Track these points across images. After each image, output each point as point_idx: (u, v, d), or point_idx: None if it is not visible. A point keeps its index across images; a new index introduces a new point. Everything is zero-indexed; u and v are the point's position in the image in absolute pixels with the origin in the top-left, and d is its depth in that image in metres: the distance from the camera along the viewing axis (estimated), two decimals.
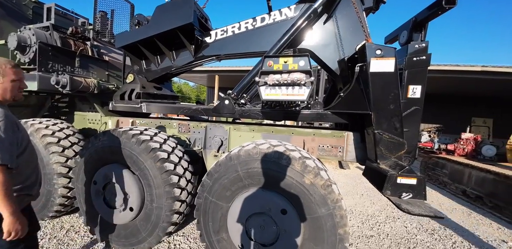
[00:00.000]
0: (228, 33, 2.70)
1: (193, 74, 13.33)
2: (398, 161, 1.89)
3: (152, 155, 1.90)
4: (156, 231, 1.94)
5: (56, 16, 2.87)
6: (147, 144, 1.93)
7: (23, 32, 2.63)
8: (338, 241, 1.48)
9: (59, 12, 2.98)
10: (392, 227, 3.05)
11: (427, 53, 1.98)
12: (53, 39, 2.72)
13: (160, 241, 2.02)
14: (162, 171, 1.87)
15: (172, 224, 1.95)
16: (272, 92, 1.83)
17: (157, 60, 3.06)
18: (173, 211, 1.90)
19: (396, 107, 1.88)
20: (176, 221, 1.98)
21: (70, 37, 2.93)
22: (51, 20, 2.81)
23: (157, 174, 1.89)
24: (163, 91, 3.27)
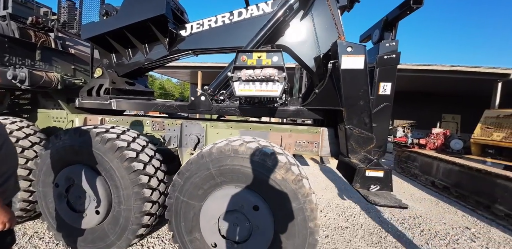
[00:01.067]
0: (204, 27, 2.61)
1: (175, 70, 12.89)
2: (367, 155, 1.95)
3: (118, 155, 1.79)
4: (126, 234, 1.84)
5: (14, 5, 2.59)
6: (113, 142, 1.82)
7: None
8: (309, 234, 1.50)
9: (17, 0, 2.69)
10: (366, 218, 3.20)
11: (396, 52, 2.04)
12: (10, 30, 2.46)
13: (131, 244, 1.93)
14: (130, 171, 1.77)
15: (143, 226, 1.86)
16: (246, 87, 1.79)
17: (128, 54, 2.89)
18: (144, 213, 1.81)
19: (366, 103, 1.94)
20: (148, 223, 1.89)
21: (30, 28, 2.66)
22: (8, 9, 2.54)
23: (124, 174, 1.78)
24: (136, 87, 3.11)
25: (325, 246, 2.47)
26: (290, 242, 1.53)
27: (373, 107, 2.07)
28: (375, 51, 2.15)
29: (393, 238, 2.69)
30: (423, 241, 2.67)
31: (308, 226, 1.50)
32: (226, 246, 1.63)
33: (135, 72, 3.02)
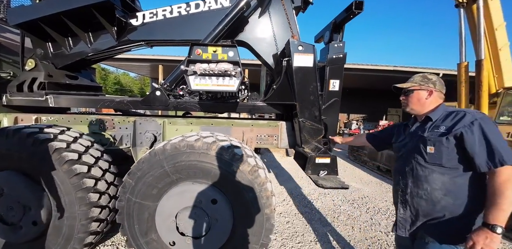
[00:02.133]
0: (159, 17, 2.44)
1: (132, 63, 11.76)
2: (317, 145, 2.14)
3: (56, 157, 1.58)
4: (71, 244, 1.66)
5: None
6: (49, 144, 1.59)
7: None
8: (265, 220, 1.58)
9: None
10: (323, 202, 3.54)
11: (343, 52, 2.24)
12: None
13: (83, 244, 1.74)
14: (71, 175, 1.59)
15: (91, 233, 1.70)
16: (202, 82, 1.75)
17: (68, 43, 2.54)
18: (91, 219, 1.66)
19: (315, 98, 2.11)
20: (97, 230, 1.74)
21: None
22: None
23: (64, 178, 1.59)
24: (79, 81, 2.76)
25: (286, 231, 2.64)
26: (248, 230, 1.59)
27: (324, 102, 2.26)
28: (326, 50, 2.33)
29: (344, 217, 3.05)
30: (368, 217, 3.08)
31: (264, 213, 1.57)
32: (185, 242, 1.61)
33: (78, 64, 2.68)
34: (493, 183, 0.99)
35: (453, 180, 1.08)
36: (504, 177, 0.97)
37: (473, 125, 1.04)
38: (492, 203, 0.98)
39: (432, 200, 1.12)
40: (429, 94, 1.22)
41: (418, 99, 1.24)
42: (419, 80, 1.25)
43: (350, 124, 9.73)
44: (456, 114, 1.12)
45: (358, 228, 2.78)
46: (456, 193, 1.08)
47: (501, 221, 0.95)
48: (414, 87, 1.25)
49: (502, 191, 0.96)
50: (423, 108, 1.24)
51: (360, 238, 2.57)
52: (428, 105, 1.22)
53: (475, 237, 0.96)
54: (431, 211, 1.13)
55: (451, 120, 1.12)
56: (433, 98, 1.22)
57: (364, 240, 2.53)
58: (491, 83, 4.03)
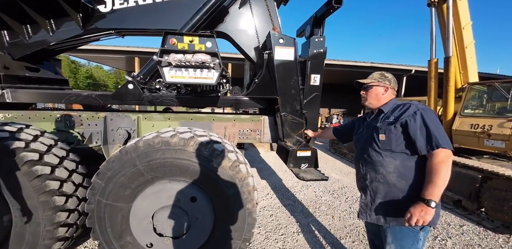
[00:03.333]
0: (130, 3, 2.25)
1: (106, 54, 10.96)
2: (299, 138, 2.15)
3: (13, 158, 1.40)
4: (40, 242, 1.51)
5: None
6: (5, 143, 1.41)
7: None
8: (247, 215, 1.56)
9: None
10: (305, 193, 3.63)
11: (324, 47, 2.24)
12: None
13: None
14: (32, 177, 1.42)
15: (59, 239, 1.56)
16: (178, 74, 1.65)
17: (27, 31, 2.26)
18: (57, 224, 1.51)
19: (296, 92, 2.10)
20: (66, 235, 1.59)
21: None
22: None
23: (24, 181, 1.42)
24: (41, 74, 2.49)
25: (270, 224, 2.67)
26: (230, 226, 1.56)
27: (306, 96, 2.26)
28: (307, 45, 2.31)
29: (325, 207, 3.16)
30: (347, 206, 3.23)
31: (246, 208, 1.54)
32: (164, 243, 1.53)
33: (39, 54, 2.40)
34: (430, 163, 1.12)
35: (403, 163, 1.21)
36: (439, 158, 1.10)
37: (415, 115, 1.19)
38: (428, 181, 1.10)
39: (388, 182, 1.24)
40: (385, 90, 1.36)
41: (376, 94, 1.38)
42: (377, 77, 1.39)
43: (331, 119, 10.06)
44: (403, 106, 1.28)
45: (338, 217, 2.89)
46: (408, 175, 1.20)
47: (435, 196, 1.08)
48: (373, 83, 1.38)
49: (437, 170, 1.09)
50: (379, 102, 1.38)
51: (339, 226, 2.67)
52: (383, 100, 1.37)
53: (413, 210, 1.10)
54: (388, 193, 1.25)
55: (398, 111, 1.26)
56: (387, 94, 1.37)
57: (343, 228, 2.64)
58: (457, 79, 4.32)
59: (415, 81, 11.83)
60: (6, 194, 1.46)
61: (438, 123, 1.18)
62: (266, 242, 2.35)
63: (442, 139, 1.12)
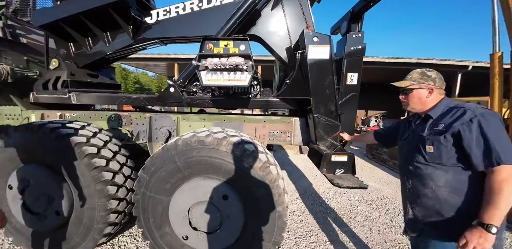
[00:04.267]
0: (172, 14, 2.46)
1: (149, 62, 12.20)
2: (333, 142, 2.04)
3: (77, 151, 1.66)
4: (91, 234, 1.75)
5: None
6: (70, 138, 1.68)
7: None
8: (278, 218, 1.54)
9: None
10: (339, 201, 3.39)
11: (362, 43, 2.10)
12: None
13: (98, 243, 1.84)
14: (91, 168, 1.66)
15: (110, 224, 1.78)
16: (214, 77, 1.74)
17: (88, 43, 2.65)
18: (109, 211, 1.73)
19: (331, 92, 2.00)
20: (115, 221, 1.81)
21: None
22: None
23: (84, 171, 1.67)
24: (100, 79, 2.89)
25: (300, 229, 2.58)
26: (260, 227, 1.56)
27: (341, 96, 2.15)
28: (343, 42, 2.20)
29: (361, 218, 2.90)
30: (388, 219, 2.90)
31: (277, 210, 1.53)
32: (198, 237, 1.62)
33: (98, 63, 2.79)
34: (490, 182, 0.95)
35: (457, 177, 1.04)
36: (502, 176, 0.93)
37: (471, 123, 0.99)
38: (489, 202, 0.94)
39: (438, 198, 1.08)
40: (429, 92, 1.16)
41: (418, 98, 1.19)
42: (418, 78, 1.19)
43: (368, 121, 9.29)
44: (456, 110, 1.07)
45: (377, 230, 2.64)
46: (463, 190, 1.04)
47: (497, 220, 0.91)
48: (413, 85, 1.19)
49: (500, 190, 0.92)
50: (424, 107, 1.19)
51: (378, 240, 2.44)
52: (430, 103, 1.18)
53: (469, 236, 0.94)
54: (439, 210, 1.09)
55: (450, 117, 1.07)
56: (433, 96, 1.17)
57: (383, 243, 2.40)
58: None
59: (473, 79, 10.25)
60: (69, 182, 1.73)
61: (501, 133, 0.98)
62: (296, 248, 2.28)
63: (506, 153, 0.93)
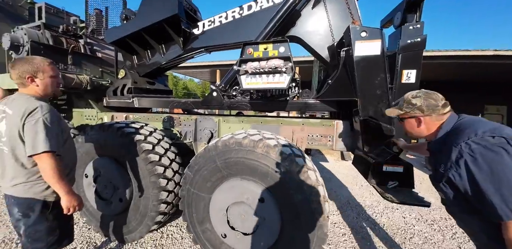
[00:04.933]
0: (215, 24, 2.64)
1: (195, 69, 13.39)
2: (386, 149, 1.81)
3: (136, 147, 1.92)
4: (145, 221, 1.99)
5: (47, 15, 2.92)
6: (132, 136, 1.95)
7: (16, 32, 2.70)
8: (317, 228, 1.45)
9: (50, 10, 3.02)
10: (390, 217, 2.97)
11: (422, 35, 1.86)
12: (44, 38, 2.77)
13: (151, 230, 2.07)
14: (147, 162, 1.90)
15: (160, 213, 1.98)
16: (253, 80, 1.78)
17: (147, 55, 3.06)
18: (160, 201, 1.93)
19: (383, 92, 1.80)
20: (165, 211, 2.01)
21: (62, 35, 2.98)
22: (42, 19, 2.86)
23: (142, 165, 1.91)
24: (156, 86, 3.29)
25: (342, 244, 2.37)
26: (297, 235, 1.50)
27: (395, 97, 1.92)
28: (397, 35, 1.99)
29: (419, 240, 2.47)
30: (455, 245, 2.40)
31: (316, 219, 1.45)
32: (236, 237, 1.66)
33: (155, 71, 3.20)
34: (505, 237, 0.79)
35: (488, 223, 0.85)
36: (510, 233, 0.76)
37: (459, 167, 0.82)
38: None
39: (482, 243, 0.94)
40: (418, 122, 1.04)
41: (410, 127, 1.09)
42: (404, 106, 1.07)
43: None
44: (449, 142, 0.88)
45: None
46: (498, 236, 0.82)
47: None
48: (402, 115, 1.10)
49: None
50: (422, 135, 1.07)
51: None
52: (426, 131, 1.05)
53: None
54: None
55: (444, 153, 0.89)
56: (426, 124, 1.03)
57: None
58: None
59: None
60: (130, 173, 2.01)
61: (498, 176, 0.74)
62: None
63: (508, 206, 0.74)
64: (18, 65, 1.29)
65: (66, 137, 1.42)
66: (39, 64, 1.32)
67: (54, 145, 1.23)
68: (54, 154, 1.23)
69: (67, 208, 1.30)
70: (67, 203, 1.29)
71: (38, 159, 1.21)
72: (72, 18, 3.32)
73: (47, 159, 1.20)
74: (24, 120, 1.19)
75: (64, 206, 1.29)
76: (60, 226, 1.41)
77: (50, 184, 1.26)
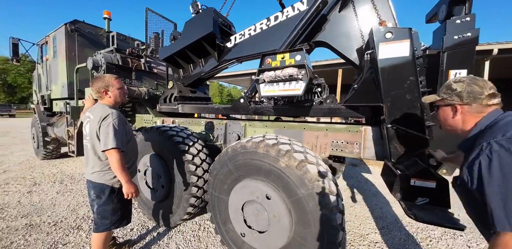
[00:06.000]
0: (245, 36, 2.87)
1: (236, 78, 14.37)
2: (418, 161, 1.62)
3: (176, 147, 2.29)
4: (178, 211, 2.32)
5: (118, 41, 3.73)
6: (173, 138, 2.34)
7: (96, 56, 3.55)
8: (325, 222, 1.41)
9: (120, 37, 3.85)
10: (449, 245, 2.44)
11: (474, 29, 1.64)
12: (116, 59, 3.56)
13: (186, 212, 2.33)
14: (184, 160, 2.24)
15: (191, 205, 2.27)
16: (270, 88, 1.89)
17: (190, 68, 3.53)
18: (191, 195, 2.22)
19: (414, 97, 1.63)
20: (195, 204, 2.29)
21: (128, 56, 3.75)
22: (114, 45, 3.68)
23: (180, 163, 2.26)
24: (197, 94, 3.74)
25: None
26: (308, 231, 1.48)
27: None
28: (442, 31, 1.79)
29: None
30: None
31: (322, 213, 1.41)
32: (253, 235, 1.75)
33: (196, 82, 3.65)
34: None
35: None
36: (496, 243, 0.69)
37: (471, 168, 0.75)
38: None
39: None
40: (454, 111, 0.91)
41: (444, 119, 0.97)
42: (442, 91, 0.95)
43: None
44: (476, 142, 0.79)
45: None
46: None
47: None
48: (438, 101, 0.97)
49: None
50: (456, 127, 0.93)
51: None
52: (460, 125, 0.92)
53: None
54: None
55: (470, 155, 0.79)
56: (462, 116, 0.90)
57: None
58: None
59: None
60: (171, 170, 2.38)
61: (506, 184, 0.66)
62: None
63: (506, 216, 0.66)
64: (95, 82, 1.67)
65: (129, 137, 1.74)
66: (109, 80, 1.67)
67: (119, 143, 1.53)
68: (119, 150, 1.54)
69: (127, 194, 1.60)
70: (127, 190, 1.59)
71: (108, 153, 1.53)
72: (136, 42, 4.14)
73: (114, 154, 1.52)
74: (100, 123, 1.57)
75: (124, 192, 1.60)
76: (122, 209, 1.72)
77: (115, 174, 1.57)
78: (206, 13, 2.92)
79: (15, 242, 2.29)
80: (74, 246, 2.25)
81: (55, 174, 4.52)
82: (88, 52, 4.25)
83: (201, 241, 2.36)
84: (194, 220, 2.80)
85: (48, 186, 3.89)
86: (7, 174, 4.49)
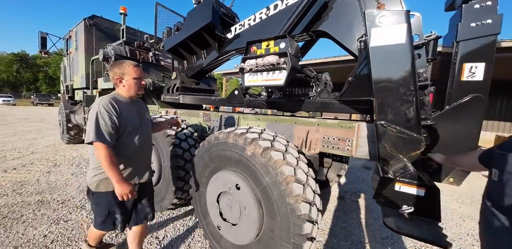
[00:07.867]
0: (245, 27, 2.78)
1: None
2: (407, 164, 1.43)
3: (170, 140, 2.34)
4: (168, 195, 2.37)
5: (127, 34, 3.87)
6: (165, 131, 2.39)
7: (107, 48, 3.73)
8: (290, 212, 1.32)
9: (130, 31, 4.00)
10: None
11: (495, 15, 1.40)
12: (124, 51, 3.70)
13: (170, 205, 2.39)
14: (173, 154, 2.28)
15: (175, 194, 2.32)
16: (254, 78, 1.80)
17: (193, 59, 3.55)
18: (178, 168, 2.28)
19: (409, 90, 1.43)
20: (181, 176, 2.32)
21: (136, 49, 3.88)
22: (124, 38, 3.82)
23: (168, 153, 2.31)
24: (200, 86, 3.77)
25: None
26: (274, 222, 1.40)
27: (452, 99, 1.50)
28: (458, 17, 1.57)
29: None
30: None
31: (287, 203, 1.31)
32: (228, 228, 1.71)
33: (199, 73, 3.67)
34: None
35: None
36: None
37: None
38: None
39: None
40: None
41: None
42: None
43: None
44: None
45: None
46: None
47: None
48: None
49: None
50: None
51: None
52: None
53: None
54: None
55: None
56: None
57: None
58: None
59: None
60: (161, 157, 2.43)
61: None
62: None
63: None
64: (112, 68, 1.44)
65: (123, 132, 1.39)
66: (126, 67, 1.41)
67: (102, 137, 1.27)
68: (105, 145, 1.27)
69: (120, 196, 1.33)
70: (118, 190, 1.32)
71: (95, 147, 1.29)
72: (145, 35, 4.27)
73: (99, 148, 1.27)
74: (87, 113, 1.53)
75: (117, 193, 1.33)
76: (110, 211, 1.43)
77: (104, 170, 1.31)
78: (205, 3, 2.88)
79: (25, 215, 2.53)
80: (74, 223, 2.42)
81: (75, 158, 4.93)
82: (104, 46, 4.51)
83: None
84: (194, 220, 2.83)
85: (66, 168, 4.26)
86: (34, 155, 5.00)
